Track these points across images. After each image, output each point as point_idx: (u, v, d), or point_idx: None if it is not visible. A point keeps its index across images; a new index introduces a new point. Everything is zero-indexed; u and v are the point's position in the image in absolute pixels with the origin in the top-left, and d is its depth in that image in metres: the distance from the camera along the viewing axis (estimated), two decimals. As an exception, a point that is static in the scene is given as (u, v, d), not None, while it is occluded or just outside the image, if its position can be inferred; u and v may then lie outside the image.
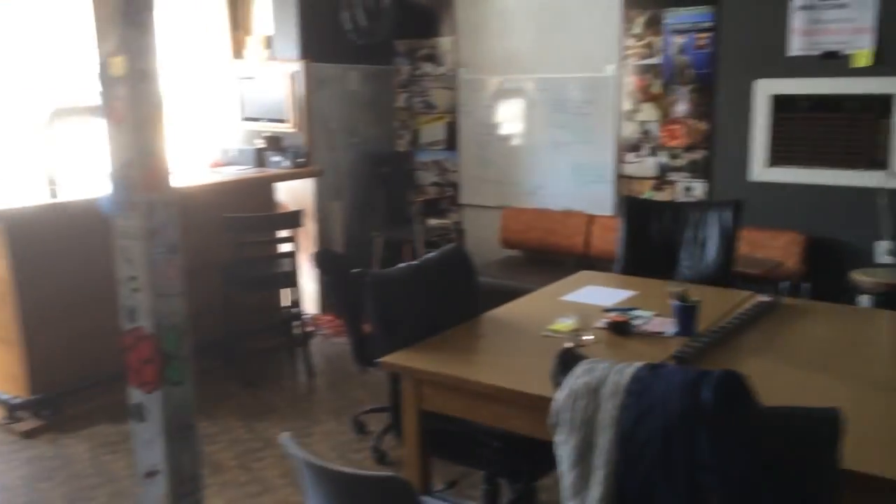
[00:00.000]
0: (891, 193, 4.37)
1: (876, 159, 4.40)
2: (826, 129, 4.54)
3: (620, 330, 2.63)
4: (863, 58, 4.34)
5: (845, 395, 2.12)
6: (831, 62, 4.43)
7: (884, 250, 4.41)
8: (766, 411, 1.49)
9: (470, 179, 5.89)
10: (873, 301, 4.01)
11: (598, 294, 3.13)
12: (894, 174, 4.35)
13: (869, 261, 4.43)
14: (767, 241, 4.59)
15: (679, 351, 2.38)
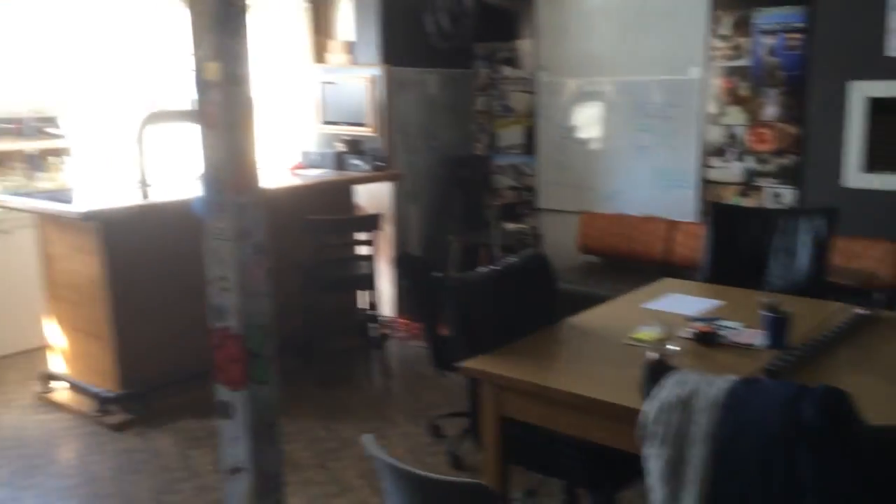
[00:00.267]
0: None
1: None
2: (927, 133, 4.34)
3: (707, 340, 2.55)
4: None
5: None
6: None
7: None
8: (871, 430, 1.42)
9: (547, 183, 5.84)
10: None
11: (682, 303, 3.04)
12: None
13: (973, 273, 4.21)
14: (861, 251, 4.38)
15: (770, 364, 2.29)
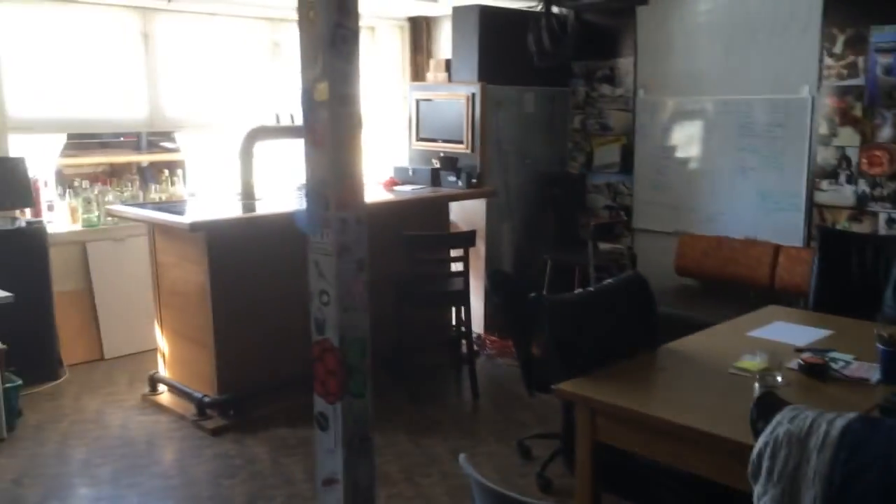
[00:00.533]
0: None
1: None
2: None
3: (817, 373, 2.44)
4: None
5: None
6: None
7: None
8: None
9: (644, 203, 5.72)
10: None
11: (789, 331, 2.92)
12: None
13: None
14: None
15: (886, 401, 2.17)
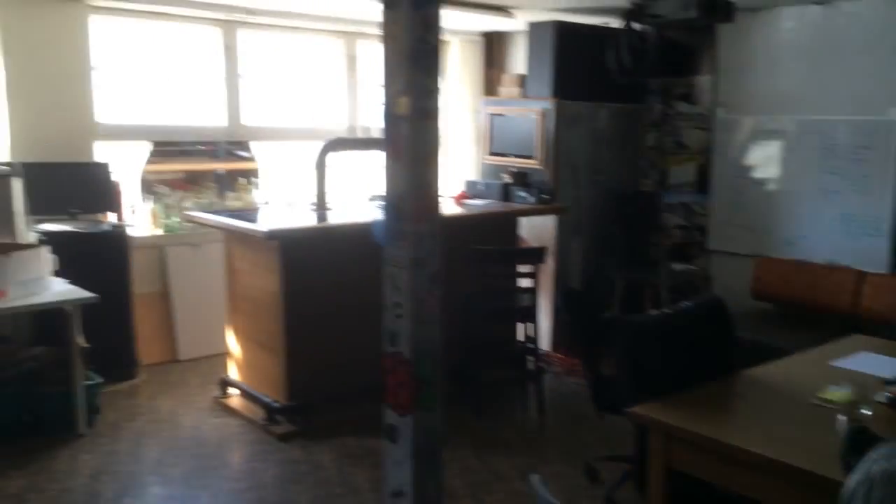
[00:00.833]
0: None
1: None
2: None
3: (907, 407, 2.32)
4: None
5: None
6: None
7: None
8: None
9: (720, 224, 5.58)
10: None
11: (877, 363, 2.80)
12: None
13: None
14: None
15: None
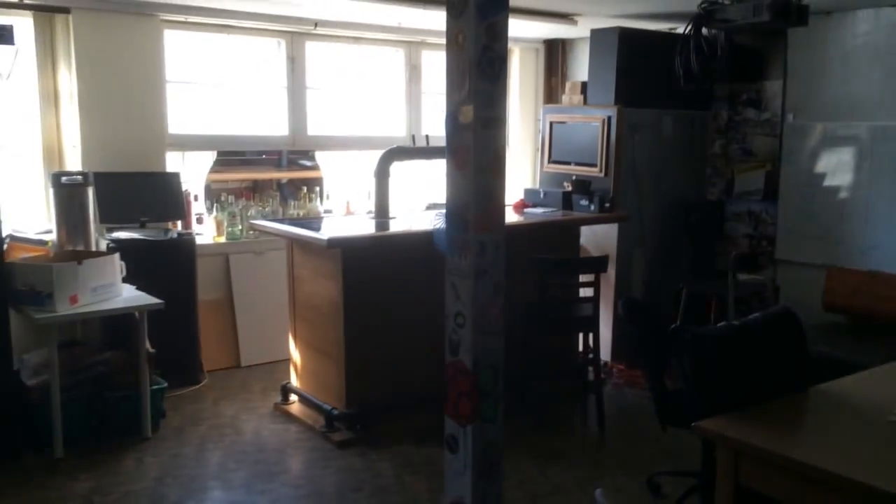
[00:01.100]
0: None
1: None
2: None
3: None
4: None
5: None
6: None
7: None
8: None
9: (789, 233, 5.42)
10: None
11: (960, 380, 2.66)
12: None
13: None
14: None
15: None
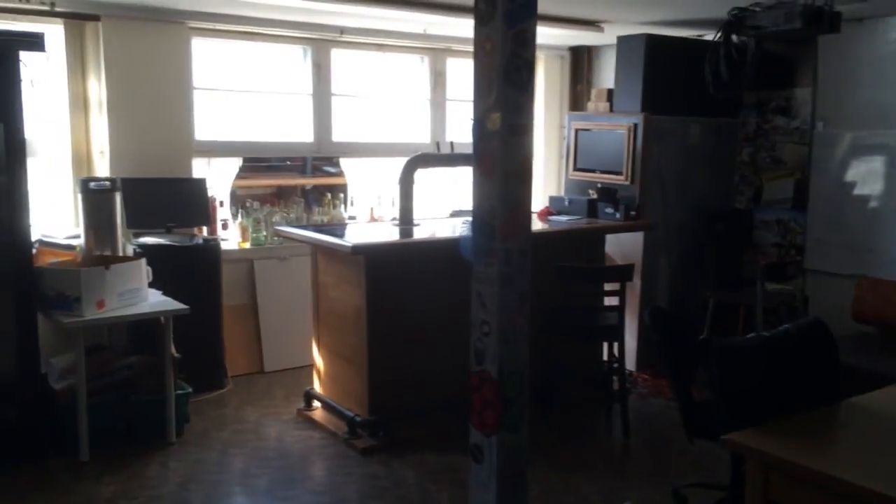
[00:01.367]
0: None
1: None
2: None
3: None
4: None
5: None
6: None
7: None
8: None
9: (818, 242, 5.34)
10: None
11: None
12: None
13: None
14: None
15: None
